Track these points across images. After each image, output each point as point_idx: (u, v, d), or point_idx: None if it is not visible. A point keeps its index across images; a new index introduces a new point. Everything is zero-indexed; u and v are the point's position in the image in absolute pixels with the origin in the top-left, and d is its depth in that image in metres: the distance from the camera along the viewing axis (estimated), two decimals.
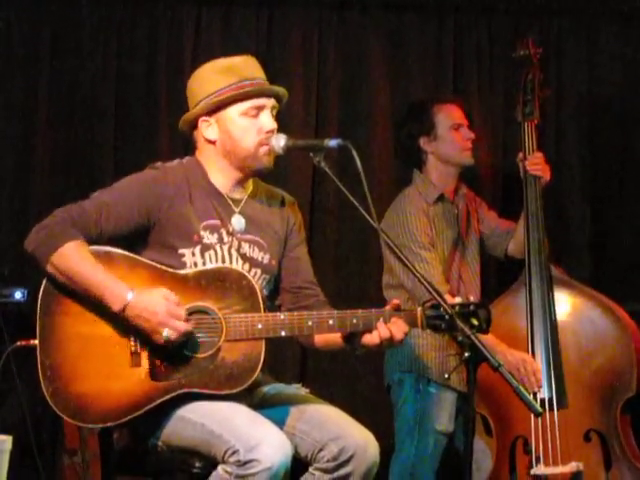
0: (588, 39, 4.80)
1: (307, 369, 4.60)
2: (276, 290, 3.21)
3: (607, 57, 4.78)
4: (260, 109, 3.06)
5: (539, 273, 3.86)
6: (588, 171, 4.78)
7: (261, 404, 3.07)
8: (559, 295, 3.88)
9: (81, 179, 4.49)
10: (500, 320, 3.63)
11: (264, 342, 2.94)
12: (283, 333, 2.94)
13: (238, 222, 3.11)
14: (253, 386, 3.00)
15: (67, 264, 2.89)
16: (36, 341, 2.93)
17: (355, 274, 4.66)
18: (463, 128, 4.07)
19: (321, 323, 2.95)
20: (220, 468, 2.83)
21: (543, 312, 3.82)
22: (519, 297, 3.89)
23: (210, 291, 2.95)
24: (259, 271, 3.12)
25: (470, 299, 2.90)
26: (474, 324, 2.82)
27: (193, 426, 2.90)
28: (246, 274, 3.00)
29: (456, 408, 3.95)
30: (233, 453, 2.79)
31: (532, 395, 3.57)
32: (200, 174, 3.11)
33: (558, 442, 3.71)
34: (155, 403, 2.90)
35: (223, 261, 3.06)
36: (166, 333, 2.86)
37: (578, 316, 3.89)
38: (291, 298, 3.19)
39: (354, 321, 2.94)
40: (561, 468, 3.70)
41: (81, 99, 4.56)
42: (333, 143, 2.95)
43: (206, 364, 2.92)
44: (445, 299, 2.85)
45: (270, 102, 3.09)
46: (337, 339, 3.05)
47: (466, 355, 2.72)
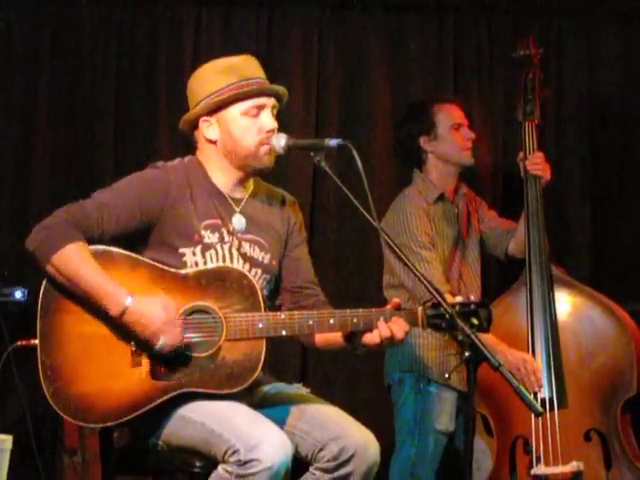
0: (588, 39, 4.80)
1: (308, 368, 4.60)
2: (276, 290, 3.20)
3: (607, 57, 4.79)
4: (260, 108, 3.06)
5: (539, 273, 3.86)
6: (588, 171, 4.78)
7: (262, 403, 3.06)
8: (559, 295, 3.87)
9: (81, 179, 4.49)
10: (500, 320, 3.63)
11: (265, 341, 2.93)
12: (284, 332, 2.94)
13: (239, 222, 3.10)
14: (254, 385, 3.00)
15: (67, 266, 2.88)
16: (36, 341, 2.92)
17: (355, 274, 4.66)
18: (463, 128, 4.07)
19: (322, 322, 2.94)
20: (220, 467, 2.82)
21: (543, 312, 3.82)
22: (519, 297, 3.89)
23: (210, 290, 2.95)
24: (259, 271, 3.12)
25: (471, 298, 2.91)
26: (474, 323, 2.83)
27: (193, 425, 2.89)
28: (247, 273, 3.00)
29: (456, 408, 3.94)
30: (233, 453, 2.79)
31: (532, 395, 3.57)
32: (201, 174, 3.11)
33: (558, 442, 3.70)
34: (155, 403, 2.89)
35: (224, 261, 3.05)
36: (161, 343, 2.86)
37: (578, 316, 3.89)
38: (291, 298, 3.18)
39: (355, 320, 2.94)
40: (561, 468, 3.70)
41: (81, 99, 4.55)
42: (333, 143, 2.94)
43: (207, 363, 2.91)
44: (445, 298, 2.85)
45: (270, 101, 3.08)
46: (338, 338, 3.05)
47: (466, 355, 2.72)
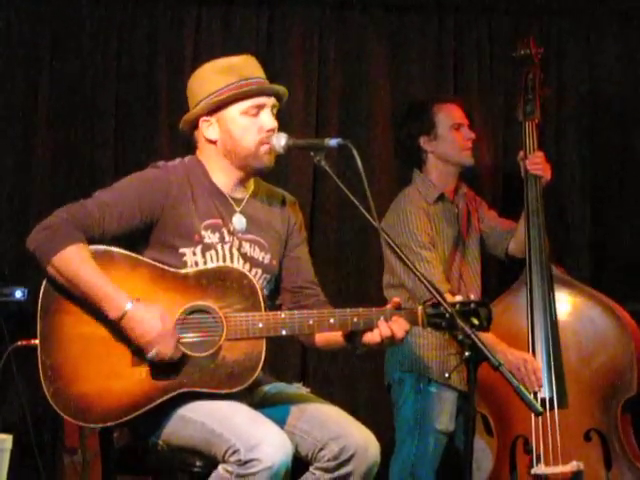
0: (588, 39, 4.80)
1: (308, 368, 4.59)
2: (277, 290, 3.20)
3: (607, 57, 4.78)
4: (260, 108, 3.06)
5: (540, 272, 3.85)
6: (588, 171, 4.78)
7: (262, 403, 3.06)
8: (559, 294, 3.87)
9: (81, 179, 4.49)
10: (501, 319, 3.62)
11: (265, 341, 2.93)
12: (284, 332, 2.94)
13: (239, 222, 3.10)
14: (254, 385, 3.00)
15: (68, 267, 2.88)
16: (37, 341, 2.92)
17: (355, 274, 4.66)
18: (463, 128, 4.07)
19: (322, 322, 2.94)
20: (221, 467, 2.82)
21: (544, 311, 3.81)
22: (520, 296, 3.89)
23: (211, 290, 2.95)
24: (260, 271, 3.12)
25: (471, 297, 2.91)
26: (474, 323, 2.83)
27: (193, 425, 2.89)
28: (247, 273, 3.00)
29: (456, 407, 3.94)
30: (234, 452, 2.79)
31: (532, 394, 3.56)
32: (201, 173, 3.11)
33: (558, 441, 3.70)
34: (156, 402, 2.89)
35: (224, 260, 3.05)
36: (152, 354, 2.86)
37: (578, 315, 3.88)
38: (292, 298, 3.19)
39: (355, 320, 2.94)
40: (561, 467, 3.69)
41: (81, 99, 4.55)
42: (333, 142, 2.94)
43: (207, 363, 2.91)
44: (445, 298, 2.85)
45: (270, 101, 3.08)
46: (338, 338, 3.05)
47: (466, 354, 2.72)
